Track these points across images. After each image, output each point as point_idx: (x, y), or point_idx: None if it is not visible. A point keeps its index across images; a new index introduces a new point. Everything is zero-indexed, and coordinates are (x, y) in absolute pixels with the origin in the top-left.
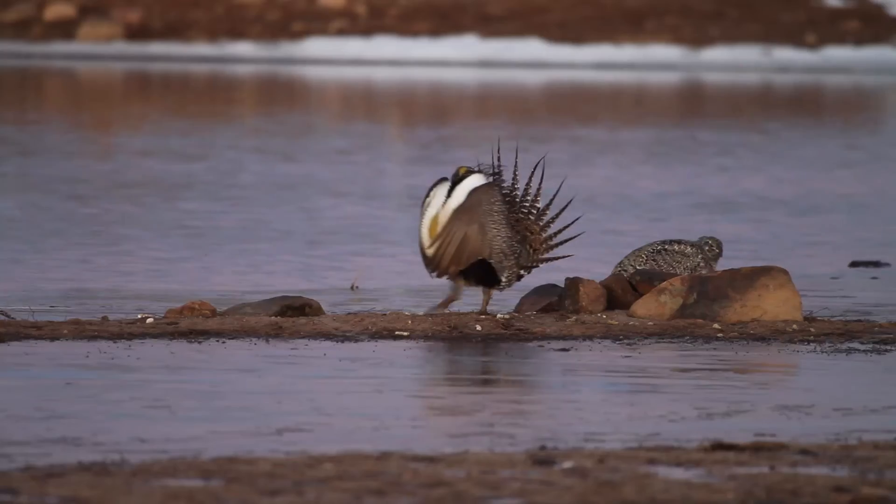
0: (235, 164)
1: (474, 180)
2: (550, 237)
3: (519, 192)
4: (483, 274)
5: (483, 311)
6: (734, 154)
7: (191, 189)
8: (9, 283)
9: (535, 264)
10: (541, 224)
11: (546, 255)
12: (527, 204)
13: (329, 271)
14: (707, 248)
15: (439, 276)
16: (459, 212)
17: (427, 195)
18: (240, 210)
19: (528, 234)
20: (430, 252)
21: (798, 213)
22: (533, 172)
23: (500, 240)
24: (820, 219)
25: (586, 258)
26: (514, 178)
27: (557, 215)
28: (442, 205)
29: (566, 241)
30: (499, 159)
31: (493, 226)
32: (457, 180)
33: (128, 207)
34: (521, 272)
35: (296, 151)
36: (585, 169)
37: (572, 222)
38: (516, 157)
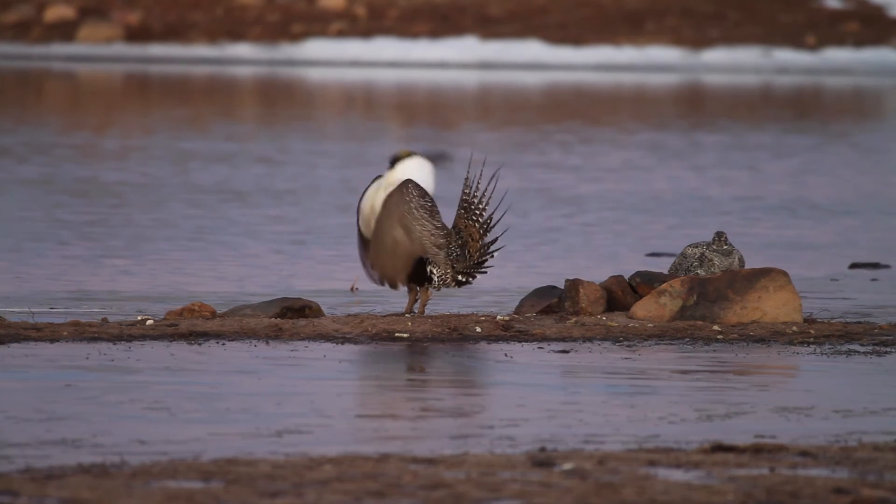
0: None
1: (407, 166)
2: (486, 246)
3: (476, 199)
4: (417, 272)
5: (421, 311)
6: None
7: (201, 191)
8: (9, 284)
9: (471, 271)
10: (480, 233)
11: (479, 264)
12: (477, 211)
13: (330, 273)
14: (716, 244)
15: (393, 287)
16: (380, 222)
17: (363, 194)
18: (248, 212)
19: (470, 239)
20: (374, 271)
21: (798, 214)
22: (490, 180)
23: (428, 234)
24: (820, 220)
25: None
26: (476, 185)
27: (494, 225)
28: (370, 205)
29: (496, 250)
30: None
31: (416, 223)
32: (394, 161)
33: (139, 210)
34: (460, 277)
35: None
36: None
37: (500, 234)
38: (482, 166)
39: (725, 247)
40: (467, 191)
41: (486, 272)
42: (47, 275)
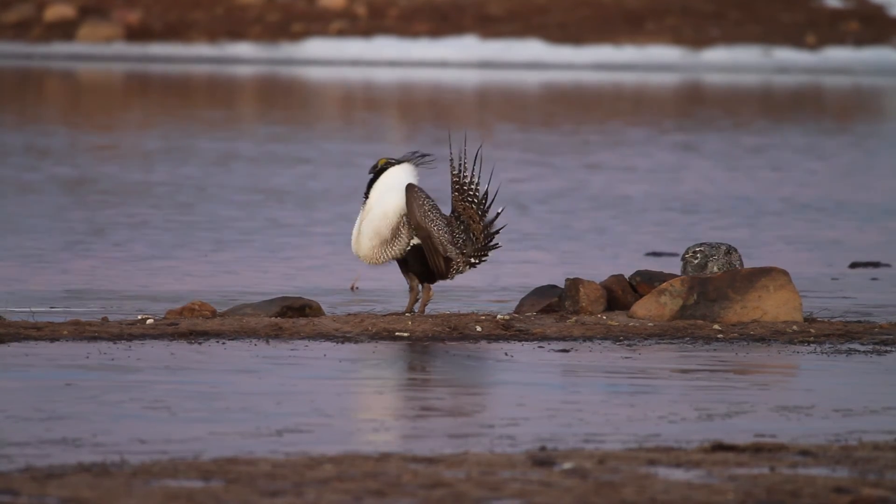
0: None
1: (394, 173)
2: (488, 226)
3: (467, 181)
4: (423, 269)
5: (421, 311)
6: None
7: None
8: (9, 283)
9: (480, 254)
10: (479, 214)
11: (486, 245)
12: (471, 192)
13: (330, 272)
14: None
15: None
16: (421, 233)
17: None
18: (253, 214)
19: (471, 222)
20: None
21: (798, 215)
22: (475, 161)
23: (443, 234)
24: (820, 219)
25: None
26: (462, 167)
27: (489, 207)
28: (362, 207)
29: (498, 230)
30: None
31: (432, 225)
32: (377, 172)
33: (142, 210)
34: (473, 260)
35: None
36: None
37: (500, 212)
38: (464, 144)
39: (696, 261)
40: (455, 172)
41: (499, 246)
42: (48, 274)
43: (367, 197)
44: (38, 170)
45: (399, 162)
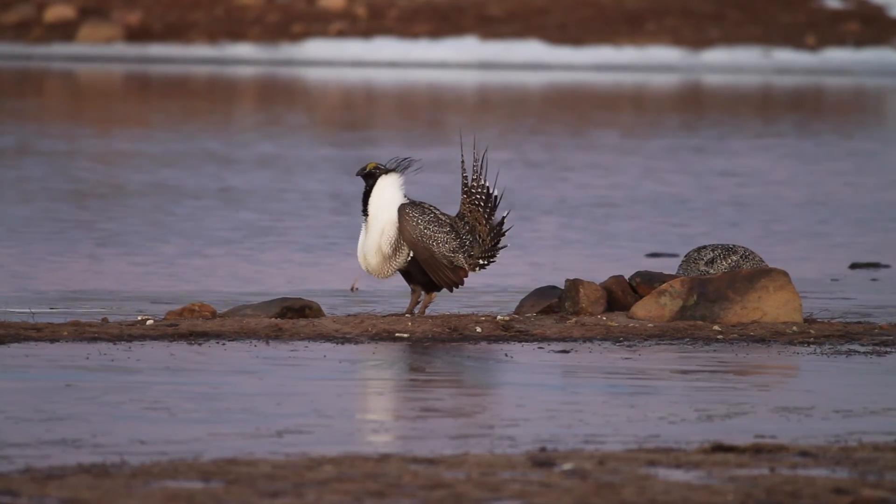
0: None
1: (384, 187)
2: (494, 227)
3: (475, 183)
4: (426, 280)
5: (421, 312)
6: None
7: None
8: (10, 283)
9: (488, 254)
10: (486, 217)
11: (493, 246)
12: (478, 194)
13: (330, 273)
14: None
15: (459, 285)
16: (416, 251)
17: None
18: (254, 215)
19: (477, 224)
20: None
21: (799, 214)
22: (482, 162)
23: (445, 246)
24: (820, 219)
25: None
26: (474, 169)
27: (495, 207)
28: (363, 222)
29: (505, 231)
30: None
31: (432, 243)
32: (365, 175)
33: (138, 211)
34: (481, 261)
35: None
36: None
37: (506, 215)
38: (473, 148)
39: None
40: (465, 175)
41: (506, 246)
42: (48, 274)
43: (364, 213)
44: (36, 171)
45: (387, 169)
